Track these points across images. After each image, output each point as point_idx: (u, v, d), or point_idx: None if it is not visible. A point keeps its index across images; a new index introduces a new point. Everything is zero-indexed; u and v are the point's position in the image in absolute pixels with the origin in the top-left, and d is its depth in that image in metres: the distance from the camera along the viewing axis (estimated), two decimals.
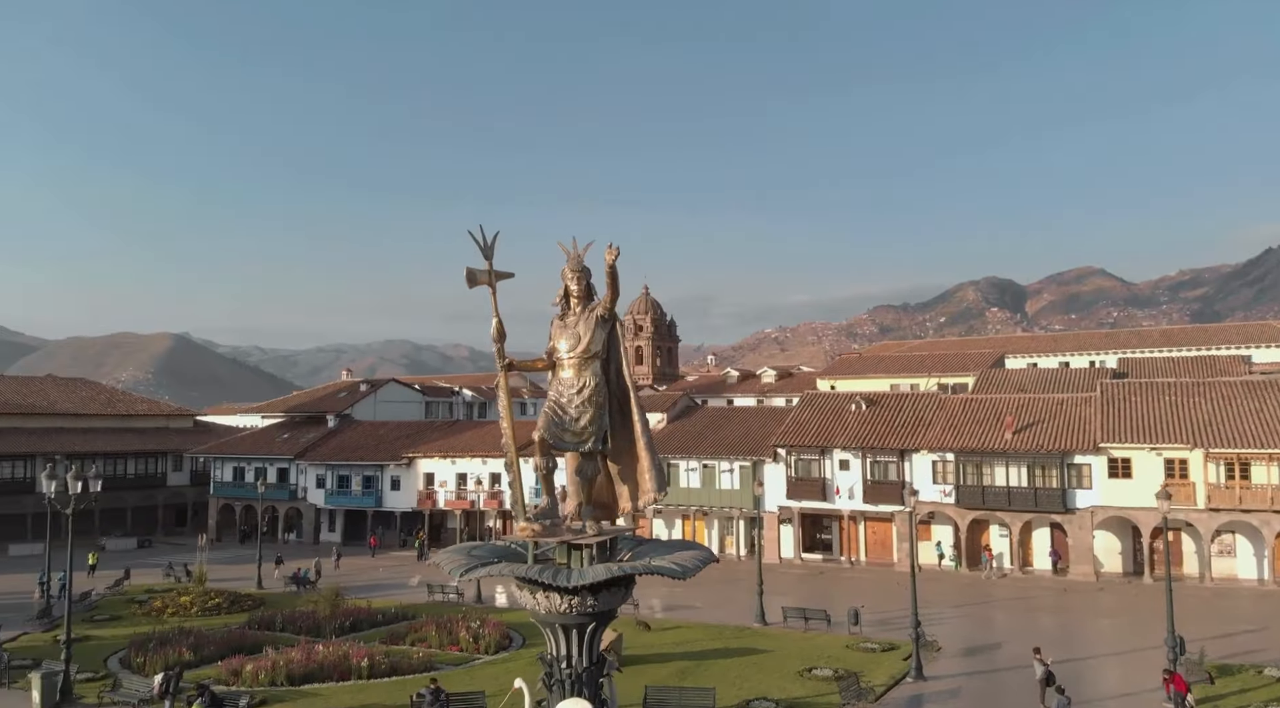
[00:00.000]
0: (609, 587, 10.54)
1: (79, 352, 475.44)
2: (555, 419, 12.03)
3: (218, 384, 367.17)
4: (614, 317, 12.50)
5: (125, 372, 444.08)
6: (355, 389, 73.98)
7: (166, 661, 27.58)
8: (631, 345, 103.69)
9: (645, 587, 40.57)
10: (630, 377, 12.74)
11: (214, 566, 48.48)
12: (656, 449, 12.79)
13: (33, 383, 74.48)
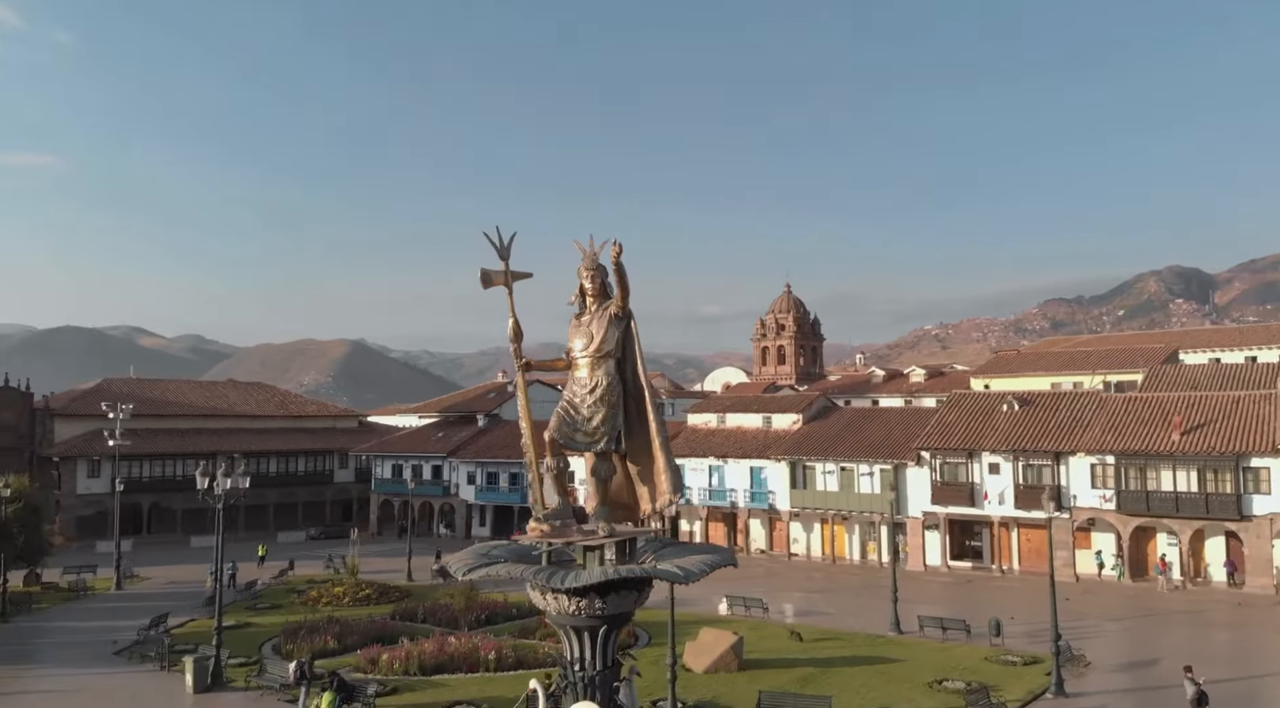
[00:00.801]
0: (617, 590, 10.43)
1: (267, 357, 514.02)
2: (567, 419, 11.94)
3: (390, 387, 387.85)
4: (628, 315, 12.29)
5: (308, 375, 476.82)
6: (503, 390, 76.41)
7: (313, 648, 29.29)
8: (773, 346, 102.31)
9: (775, 592, 40.22)
10: (646, 376, 12.48)
11: (371, 558, 51.22)
12: (672, 450, 12.56)
13: (216, 387, 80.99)
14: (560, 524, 11.68)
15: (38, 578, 43.49)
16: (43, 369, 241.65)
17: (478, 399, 76.01)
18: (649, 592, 11.06)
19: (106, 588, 44.15)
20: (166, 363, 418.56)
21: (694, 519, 56.60)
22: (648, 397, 12.13)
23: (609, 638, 10.80)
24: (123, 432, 58.50)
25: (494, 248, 12.06)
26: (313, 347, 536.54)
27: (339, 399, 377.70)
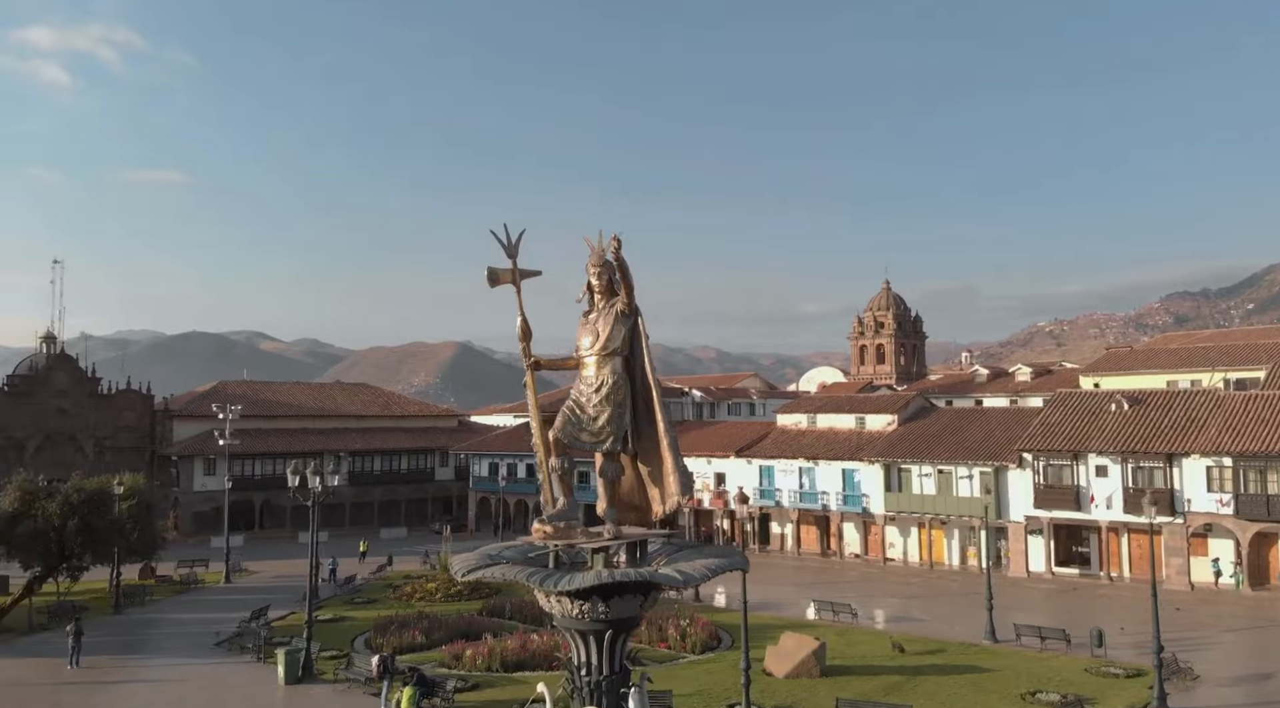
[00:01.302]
0: (620, 594, 10.18)
1: (380, 360, 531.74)
2: (573, 418, 11.82)
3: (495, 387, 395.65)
4: (635, 311, 12.09)
5: (417, 377, 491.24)
6: None
7: (400, 643, 30.04)
8: (871, 344, 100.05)
9: (867, 598, 39.15)
10: (654, 374, 12.23)
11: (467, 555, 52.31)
12: (681, 451, 12.37)
13: (323, 389, 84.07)
14: (565, 525, 11.50)
15: (152, 571, 45.85)
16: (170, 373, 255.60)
17: None
18: (656, 596, 10.83)
19: (216, 581, 46.26)
20: (285, 366, 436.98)
21: (785, 522, 55.76)
22: (655, 396, 11.88)
23: (616, 643, 10.58)
24: (235, 432, 61.52)
25: (501, 246, 11.95)
26: (422, 349, 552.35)
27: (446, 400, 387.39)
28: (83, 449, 66.61)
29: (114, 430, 68.64)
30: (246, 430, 70.77)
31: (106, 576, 39.20)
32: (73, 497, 34.63)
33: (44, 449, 64.98)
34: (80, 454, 65.70)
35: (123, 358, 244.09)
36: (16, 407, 65.14)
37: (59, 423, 66.47)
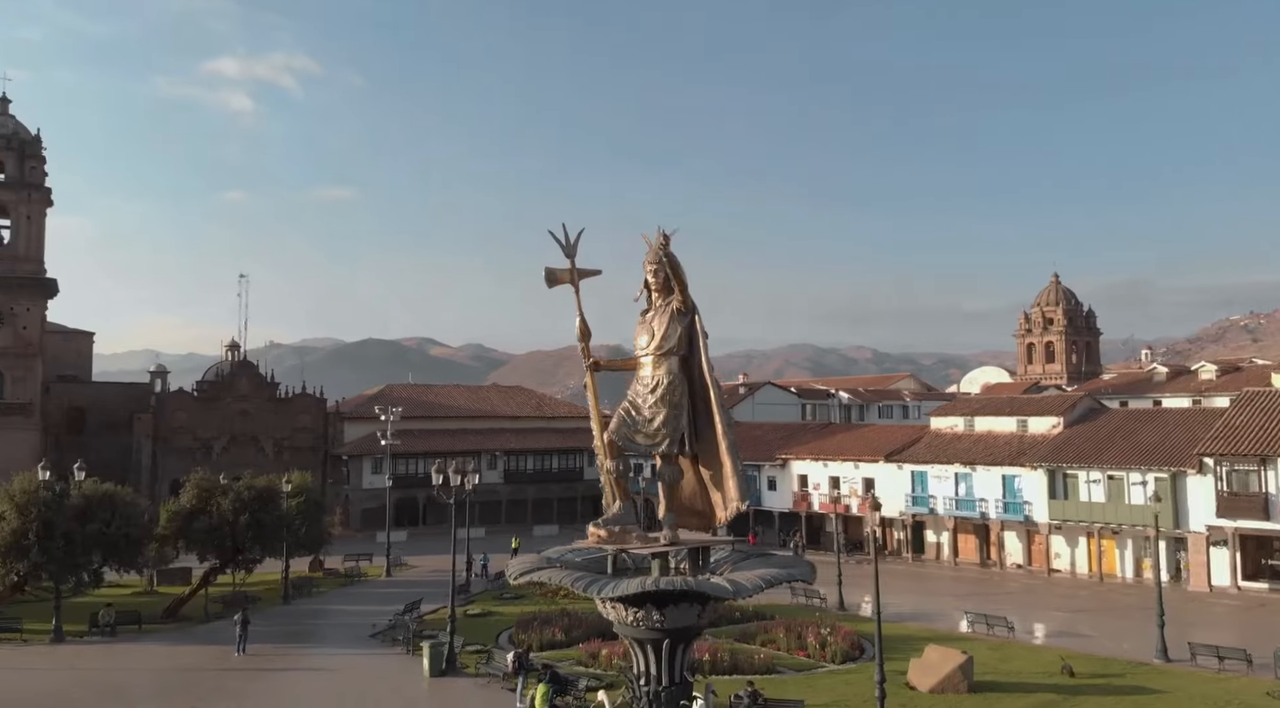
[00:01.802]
0: (676, 602, 9.73)
1: (538, 363, 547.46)
2: (628, 420, 11.55)
3: None
4: (691, 309, 11.62)
5: (573, 379, 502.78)
6: (734, 392, 76.39)
7: (541, 639, 30.60)
8: (1039, 342, 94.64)
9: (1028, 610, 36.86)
10: (712, 374, 11.66)
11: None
12: (740, 454, 11.72)
13: (481, 391, 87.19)
14: (620, 529, 11.15)
15: (320, 565, 48.70)
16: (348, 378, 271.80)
17: None
18: (715, 606, 10.37)
19: (378, 575, 48.61)
20: (452, 370, 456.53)
21: (940, 530, 53.46)
22: (713, 396, 11.36)
23: (675, 653, 10.19)
24: (398, 433, 64.65)
25: (560, 245, 11.76)
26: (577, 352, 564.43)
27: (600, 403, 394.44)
28: (263, 449, 71.63)
29: (291, 432, 73.47)
30: (410, 431, 74.28)
31: (278, 568, 41.94)
32: (244, 494, 37.21)
33: (229, 449, 70.26)
34: (261, 454, 70.68)
35: (302, 365, 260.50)
36: (205, 411, 70.75)
37: (242, 425, 71.74)
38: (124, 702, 25.11)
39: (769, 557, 11.68)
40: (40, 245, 66.70)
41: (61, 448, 69.16)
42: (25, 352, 65.09)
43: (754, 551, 12.34)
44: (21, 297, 65.19)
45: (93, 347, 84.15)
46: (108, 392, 75.41)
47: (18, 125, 66.91)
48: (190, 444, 68.85)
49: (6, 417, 63.66)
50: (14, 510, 30.83)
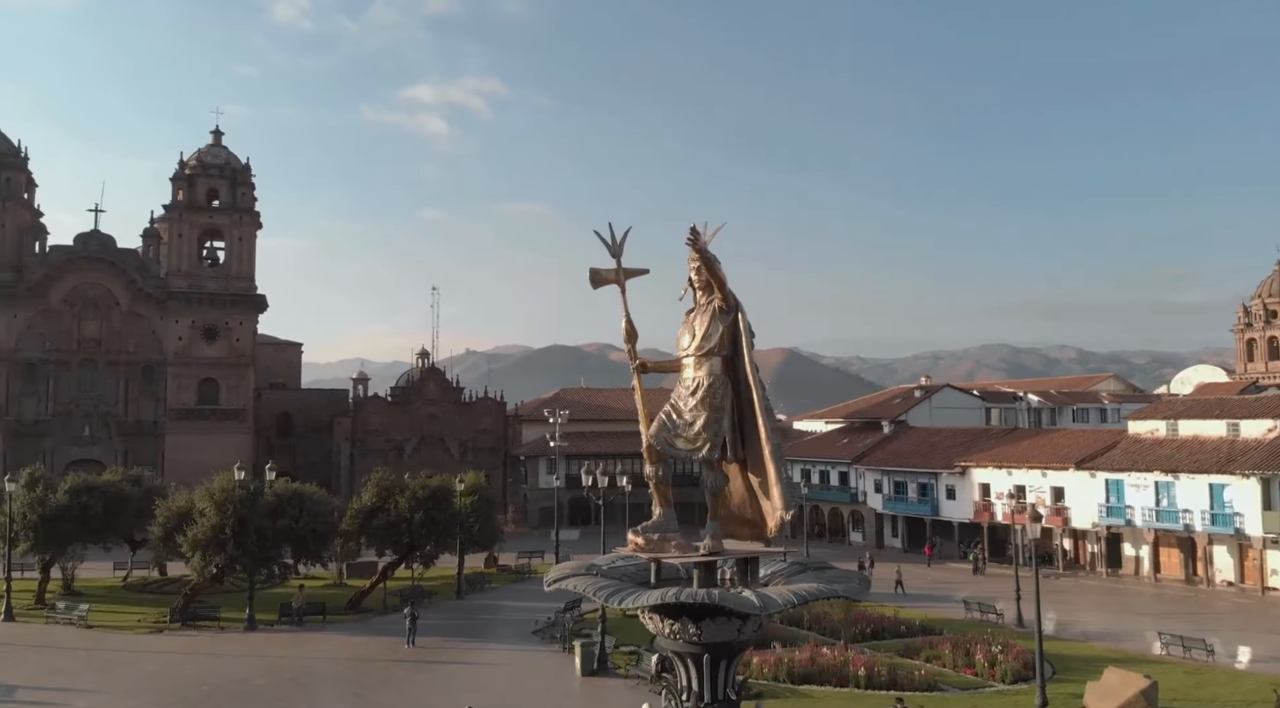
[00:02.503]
0: (713, 616, 9.21)
1: None
2: (668, 423, 10.93)
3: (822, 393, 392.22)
4: (734, 307, 10.98)
5: None
6: (910, 395, 73.30)
7: None
8: (1261, 337, 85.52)
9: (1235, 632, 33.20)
10: (756, 375, 10.88)
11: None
12: (784, 460, 10.95)
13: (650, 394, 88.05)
14: (659, 537, 10.67)
15: (494, 561, 50.54)
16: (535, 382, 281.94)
17: (884, 405, 73.75)
18: (757, 621, 9.70)
19: (547, 572, 49.95)
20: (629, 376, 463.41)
21: (1139, 544, 49.22)
22: (756, 399, 10.70)
23: (718, 669, 9.70)
24: (571, 435, 66.53)
25: (606, 246, 11.35)
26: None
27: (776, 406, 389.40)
28: (449, 450, 75.43)
29: (474, 434, 77.03)
30: (581, 433, 76.14)
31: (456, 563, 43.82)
32: (418, 492, 39.19)
33: (419, 450, 74.37)
34: (447, 455, 74.44)
35: (488, 370, 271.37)
36: (397, 414, 75.27)
37: (430, 428, 75.84)
38: (297, 688, 26.94)
39: (823, 571, 10.93)
40: (251, 264, 73.11)
41: (271, 450, 75.41)
42: (239, 362, 71.47)
43: (813, 563, 11.57)
44: (235, 312, 71.64)
45: (301, 356, 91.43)
46: (312, 398, 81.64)
47: (229, 156, 73.66)
48: (383, 446, 73.37)
49: (222, 421, 70.08)
50: (213, 508, 33.78)
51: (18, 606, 36.04)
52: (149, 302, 69.73)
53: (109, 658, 29.72)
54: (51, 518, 36.06)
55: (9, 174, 68.12)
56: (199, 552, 33.66)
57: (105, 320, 68.94)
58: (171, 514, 35.26)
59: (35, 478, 37.52)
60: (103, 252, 69.34)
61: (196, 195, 71.38)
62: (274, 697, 25.44)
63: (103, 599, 39.33)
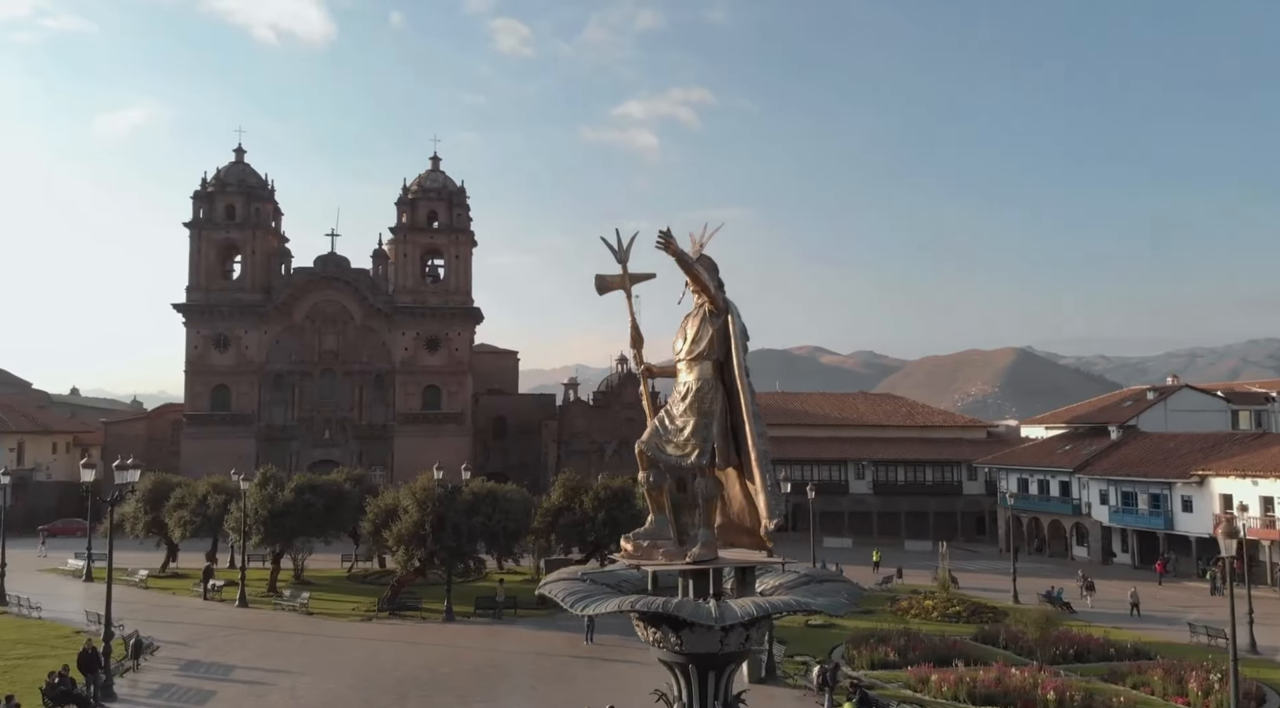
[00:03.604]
0: (690, 626, 8.87)
1: (933, 369, 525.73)
2: (659, 429, 10.77)
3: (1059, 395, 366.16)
4: (724, 309, 10.67)
5: (974, 386, 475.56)
6: (1141, 397, 66.82)
7: (873, 658, 29.37)
8: None
9: None
10: (746, 379, 10.36)
11: (988, 575, 49.38)
12: (772, 466, 10.35)
13: (847, 399, 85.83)
14: (647, 544, 10.45)
15: None
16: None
17: (1111, 408, 67.64)
18: (745, 635, 9.23)
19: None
20: (841, 378, 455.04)
21: None
22: (744, 403, 10.27)
23: (706, 680, 9.50)
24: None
25: (611, 251, 11.15)
26: (977, 357, 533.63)
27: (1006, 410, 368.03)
28: None
29: None
30: (776, 438, 75.16)
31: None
32: (600, 492, 40.30)
33: (619, 452, 76.28)
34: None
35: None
36: (598, 418, 77.82)
37: (629, 431, 77.57)
38: (479, 678, 28.38)
39: (823, 584, 10.29)
40: (468, 280, 78.13)
41: (488, 451, 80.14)
42: (457, 370, 76.56)
43: (821, 575, 10.94)
44: (454, 323, 76.84)
45: (518, 363, 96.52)
46: (523, 402, 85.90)
47: (446, 180, 79.11)
48: (587, 447, 76.08)
49: (443, 424, 75.24)
50: (415, 505, 36.34)
51: (251, 593, 40.24)
52: (379, 316, 76.09)
53: (321, 643, 32.63)
54: (279, 514, 40.07)
55: (258, 205, 76.55)
56: (402, 546, 36.29)
57: (341, 334, 75.89)
58: (380, 511, 38.27)
59: (266, 477, 41.85)
60: (338, 272, 76.43)
61: (418, 217, 77.13)
62: (455, 685, 26.99)
63: (326, 589, 43.29)
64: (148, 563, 47.36)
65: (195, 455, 69.78)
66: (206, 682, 26.86)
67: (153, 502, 46.99)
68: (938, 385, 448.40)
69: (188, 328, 74.72)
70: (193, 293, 74.86)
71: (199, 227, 75.12)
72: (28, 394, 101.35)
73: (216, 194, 75.93)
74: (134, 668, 27.88)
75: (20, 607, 35.72)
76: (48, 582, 43.66)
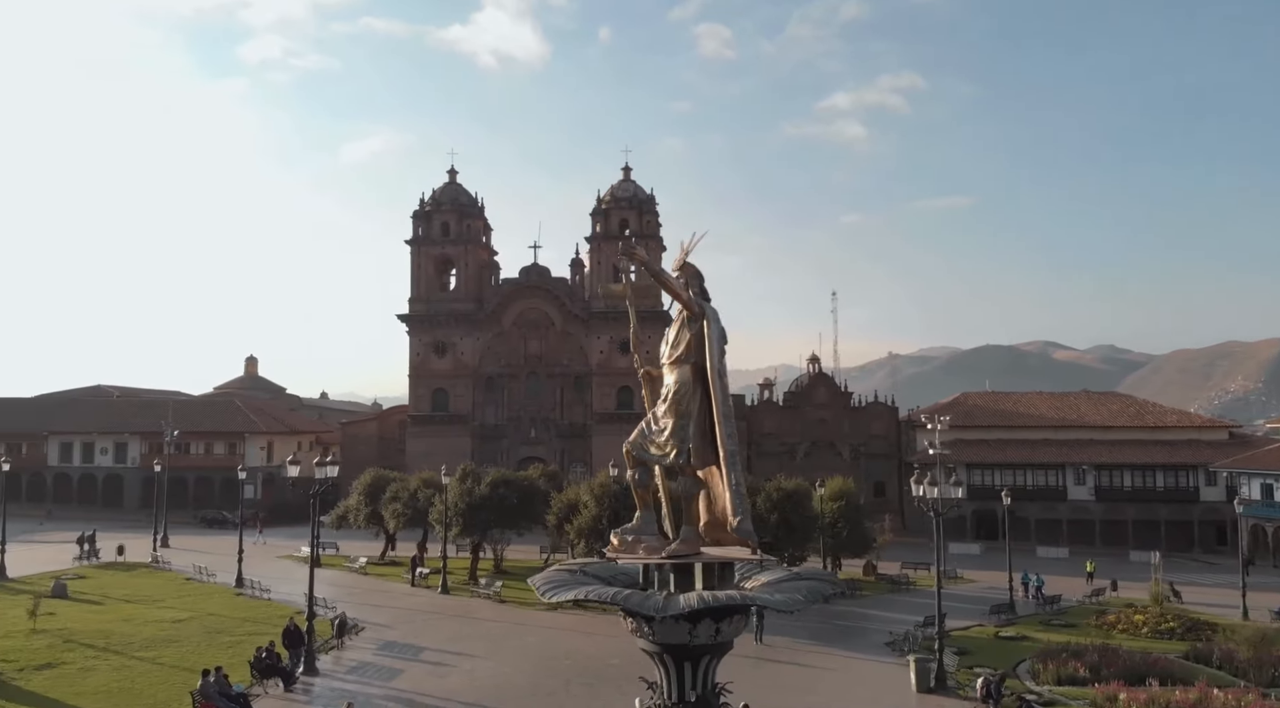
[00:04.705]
0: (660, 618, 9.23)
1: (1185, 363, 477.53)
2: (645, 430, 11.21)
3: None
4: (703, 315, 11.06)
5: (1233, 382, 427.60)
6: None
7: (1061, 673, 27.59)
8: None
9: None
10: (718, 382, 10.73)
11: (1224, 590, 45.09)
12: (740, 467, 10.74)
13: (1067, 399, 79.95)
14: (631, 539, 10.76)
15: (873, 569, 49.61)
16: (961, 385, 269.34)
17: None
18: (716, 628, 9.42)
19: (929, 585, 47.87)
20: (1078, 375, 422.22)
21: None
22: (715, 404, 10.58)
23: (683, 671, 9.75)
24: (973, 442, 63.20)
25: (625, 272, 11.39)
26: (1238, 349, 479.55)
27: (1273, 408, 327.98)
28: (840, 455, 75.54)
29: (866, 438, 76.37)
30: (986, 441, 71.91)
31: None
32: (773, 494, 40.05)
33: (810, 454, 75.48)
34: (839, 459, 74.62)
35: (893, 375, 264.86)
36: (789, 419, 77.16)
37: (820, 432, 76.66)
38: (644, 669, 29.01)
39: (801, 581, 10.37)
40: (657, 286, 79.70)
41: None
42: None
43: (810, 574, 11.25)
44: (644, 327, 78.37)
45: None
46: None
47: (636, 188, 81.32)
48: (777, 448, 75.67)
49: (635, 424, 76.99)
50: (593, 500, 37.77)
51: (453, 581, 43.18)
52: (576, 322, 79.46)
53: (506, 629, 34.62)
54: (475, 507, 42.87)
55: (469, 221, 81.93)
56: (583, 539, 37.82)
57: (544, 339, 79.87)
58: (563, 505, 40.06)
59: (465, 473, 44.85)
60: (540, 281, 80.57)
61: (610, 226, 79.76)
62: (618, 675, 27.78)
63: (520, 578, 45.67)
64: (368, 551, 51.99)
65: (418, 453, 75.60)
66: (398, 661, 29.28)
67: (371, 495, 51.61)
68: (1191, 382, 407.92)
69: (410, 336, 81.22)
70: (414, 304, 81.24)
71: (418, 243, 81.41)
72: (281, 399, 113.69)
73: (433, 213, 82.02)
74: (338, 646, 30.84)
75: (253, 589, 40.26)
76: (281, 567, 48.78)
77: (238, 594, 40.49)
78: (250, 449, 78.80)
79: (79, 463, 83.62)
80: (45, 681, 25.53)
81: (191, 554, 51.35)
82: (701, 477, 11.07)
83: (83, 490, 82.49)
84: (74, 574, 44.01)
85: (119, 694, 24.53)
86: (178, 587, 42.41)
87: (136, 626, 33.02)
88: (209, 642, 30.93)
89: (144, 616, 34.96)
